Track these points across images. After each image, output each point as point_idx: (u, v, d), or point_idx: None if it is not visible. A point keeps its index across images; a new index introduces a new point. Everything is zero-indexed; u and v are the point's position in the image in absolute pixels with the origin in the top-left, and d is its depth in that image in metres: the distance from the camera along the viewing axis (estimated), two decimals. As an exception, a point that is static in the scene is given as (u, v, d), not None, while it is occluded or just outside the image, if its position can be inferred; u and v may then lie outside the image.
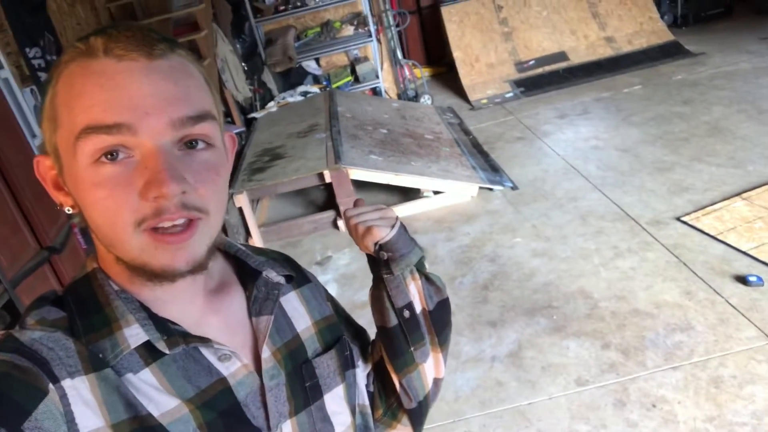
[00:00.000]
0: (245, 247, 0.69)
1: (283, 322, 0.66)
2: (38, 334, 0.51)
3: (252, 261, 0.66)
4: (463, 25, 6.13)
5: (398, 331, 0.73)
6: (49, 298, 0.56)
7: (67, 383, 0.49)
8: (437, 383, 0.79)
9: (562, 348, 2.38)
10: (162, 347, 0.54)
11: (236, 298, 0.64)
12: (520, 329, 2.54)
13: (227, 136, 0.61)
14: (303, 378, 0.64)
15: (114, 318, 0.54)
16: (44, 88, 0.53)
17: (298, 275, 0.72)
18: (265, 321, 0.62)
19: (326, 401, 0.66)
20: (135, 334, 0.53)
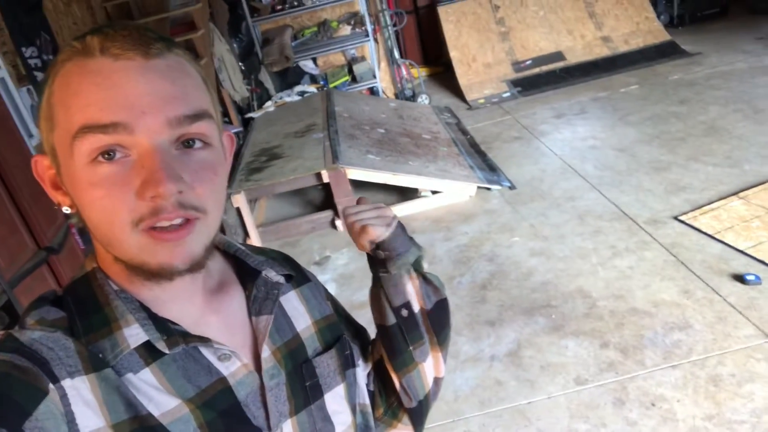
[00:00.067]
0: (245, 246, 0.69)
1: (283, 321, 0.66)
2: (38, 334, 0.51)
3: (251, 260, 0.66)
4: (460, 24, 6.13)
5: (396, 330, 0.73)
6: (48, 298, 0.56)
7: (67, 383, 0.49)
8: (437, 382, 0.79)
9: (560, 347, 2.38)
10: (162, 347, 0.53)
11: (236, 298, 0.64)
12: (519, 329, 2.54)
13: (225, 136, 0.60)
14: (303, 377, 0.64)
15: (114, 318, 0.54)
16: (41, 88, 0.53)
17: (298, 274, 0.72)
18: (265, 320, 0.62)
19: (326, 400, 0.66)
20: (135, 334, 0.53)
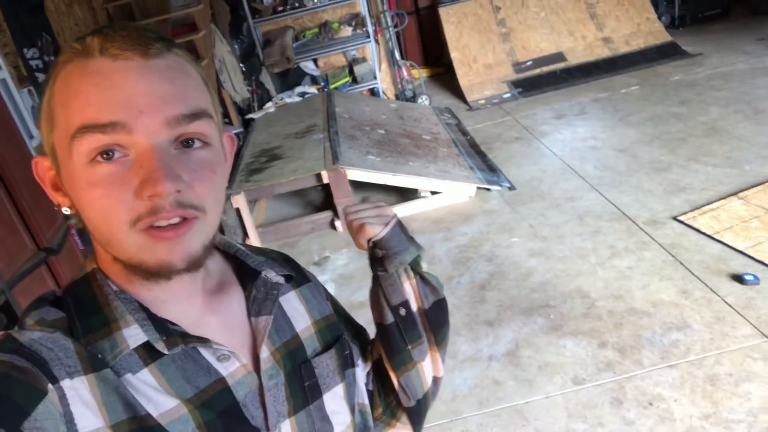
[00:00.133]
0: (245, 247, 0.69)
1: (283, 322, 0.66)
2: (37, 335, 0.51)
3: (251, 261, 0.66)
4: (461, 25, 6.13)
5: (395, 329, 0.73)
6: (48, 299, 0.56)
7: (66, 384, 0.49)
8: (436, 382, 0.79)
9: (559, 347, 2.39)
10: (161, 347, 0.54)
11: (235, 298, 0.64)
12: (518, 328, 2.54)
13: (226, 137, 0.61)
14: (302, 378, 0.64)
15: (113, 318, 0.54)
16: (42, 89, 0.53)
17: (298, 275, 0.72)
18: (264, 321, 0.62)
19: (325, 401, 0.66)
20: (134, 334, 0.53)
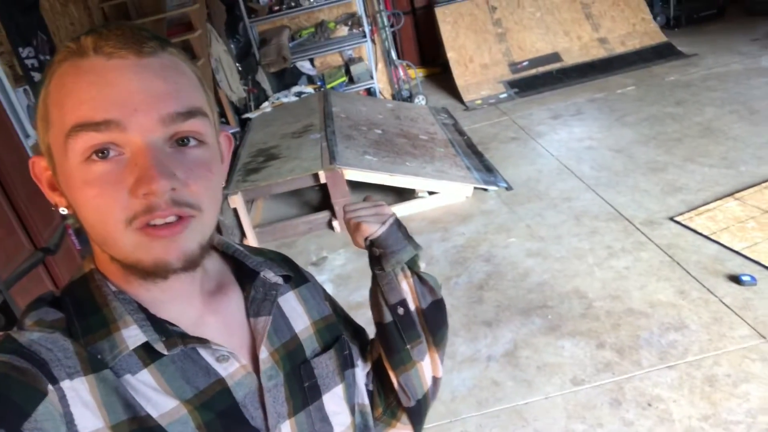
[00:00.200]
0: (243, 247, 0.68)
1: (282, 322, 0.66)
2: (37, 335, 0.51)
3: (250, 261, 0.66)
4: (457, 26, 6.14)
5: (393, 328, 0.73)
6: (46, 300, 0.56)
7: (66, 384, 0.49)
8: (436, 382, 0.79)
9: (557, 348, 2.39)
10: (160, 348, 0.53)
11: (234, 299, 0.64)
12: (516, 329, 2.55)
13: (223, 136, 0.60)
14: (301, 378, 0.64)
15: (112, 319, 0.54)
16: (38, 89, 0.53)
17: (297, 275, 0.72)
18: (263, 322, 0.62)
19: (325, 401, 0.66)
20: (133, 335, 0.53)
